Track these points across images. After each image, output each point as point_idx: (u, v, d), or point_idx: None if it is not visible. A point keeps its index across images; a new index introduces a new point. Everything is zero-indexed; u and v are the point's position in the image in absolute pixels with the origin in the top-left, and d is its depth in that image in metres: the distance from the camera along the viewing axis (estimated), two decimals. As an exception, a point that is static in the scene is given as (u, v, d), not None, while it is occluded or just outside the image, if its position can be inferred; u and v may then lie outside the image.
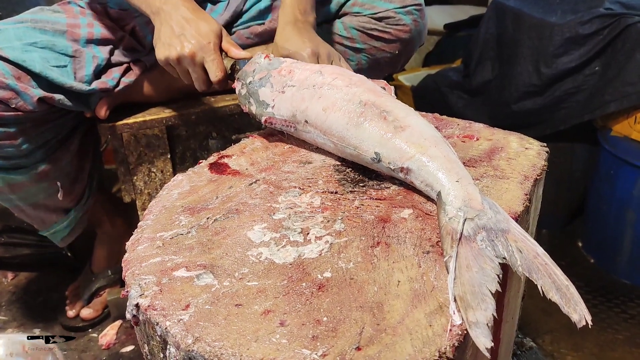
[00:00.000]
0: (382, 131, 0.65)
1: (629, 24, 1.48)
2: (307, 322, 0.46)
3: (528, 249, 0.53)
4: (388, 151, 0.64)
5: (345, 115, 0.68)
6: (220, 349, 0.44)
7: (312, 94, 0.72)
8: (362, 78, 0.74)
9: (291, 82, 0.76)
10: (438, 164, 0.60)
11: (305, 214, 0.61)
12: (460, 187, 0.58)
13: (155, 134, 1.12)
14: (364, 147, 0.66)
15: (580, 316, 0.48)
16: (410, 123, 0.65)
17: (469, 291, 0.48)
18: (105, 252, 1.36)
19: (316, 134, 0.73)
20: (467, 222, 0.55)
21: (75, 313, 1.33)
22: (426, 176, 0.61)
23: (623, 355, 1.31)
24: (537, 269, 0.51)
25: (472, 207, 0.56)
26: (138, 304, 0.50)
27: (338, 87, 0.71)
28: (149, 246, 0.57)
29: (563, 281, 0.51)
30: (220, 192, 0.67)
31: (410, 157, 0.62)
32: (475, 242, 0.53)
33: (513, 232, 0.54)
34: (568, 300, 0.49)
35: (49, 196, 1.12)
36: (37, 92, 0.96)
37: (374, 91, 0.71)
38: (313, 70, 0.76)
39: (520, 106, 1.68)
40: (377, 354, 0.42)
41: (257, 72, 0.80)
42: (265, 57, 0.81)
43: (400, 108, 0.68)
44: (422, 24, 1.18)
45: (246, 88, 0.81)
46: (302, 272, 0.52)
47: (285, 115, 0.76)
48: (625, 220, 1.54)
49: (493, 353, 0.62)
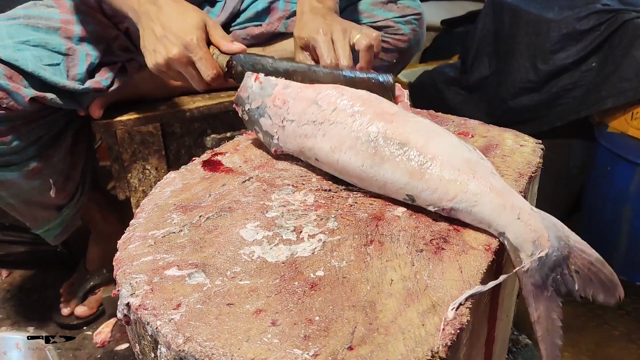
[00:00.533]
0: (407, 171, 0.58)
1: (626, 20, 1.47)
2: (299, 321, 0.46)
3: (584, 266, 0.54)
4: (422, 193, 0.58)
5: (358, 155, 0.61)
6: (211, 349, 0.43)
7: (314, 131, 0.65)
8: (365, 99, 0.65)
9: (289, 116, 0.68)
10: (488, 200, 0.55)
11: (299, 212, 0.61)
12: (525, 227, 0.54)
13: (149, 131, 1.11)
14: (390, 188, 0.60)
15: (616, 298, 0.54)
16: (433, 152, 0.58)
17: (552, 356, 0.52)
18: (100, 250, 1.36)
19: (330, 170, 0.67)
20: (539, 269, 0.54)
21: (70, 311, 1.33)
22: (479, 216, 0.56)
23: (619, 351, 1.31)
24: (590, 281, 0.54)
25: (542, 246, 0.54)
26: (129, 303, 0.49)
27: (341, 122, 0.63)
28: (141, 245, 0.57)
29: (608, 276, 0.54)
30: (213, 189, 0.67)
31: (452, 198, 0.56)
32: (547, 289, 0.54)
33: (573, 253, 0.54)
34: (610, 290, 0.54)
35: (41, 193, 1.11)
36: (28, 92, 0.95)
37: (382, 115, 0.62)
38: (309, 99, 0.67)
39: (517, 102, 1.68)
40: (370, 353, 0.42)
41: (252, 99, 0.73)
42: (256, 80, 0.73)
43: (416, 132, 0.60)
44: (421, 33, 1.18)
45: (247, 115, 0.74)
46: (295, 270, 0.52)
47: (292, 150, 0.70)
48: (622, 216, 1.54)
49: (487, 350, 0.62)
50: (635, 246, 1.53)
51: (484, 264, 0.52)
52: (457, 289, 0.48)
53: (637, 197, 1.50)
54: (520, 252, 0.54)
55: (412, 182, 0.58)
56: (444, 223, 0.58)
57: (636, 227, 1.52)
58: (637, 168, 1.47)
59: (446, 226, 0.57)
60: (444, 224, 0.58)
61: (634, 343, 1.34)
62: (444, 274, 0.50)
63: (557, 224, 0.55)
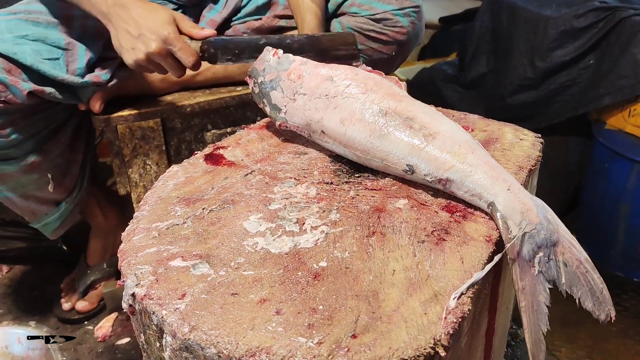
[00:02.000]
0: (411, 141, 0.61)
1: (624, 17, 1.48)
2: (303, 310, 0.46)
3: (572, 260, 0.55)
4: (422, 162, 0.61)
5: (367, 126, 0.64)
6: (216, 337, 0.44)
7: (326, 104, 0.68)
8: (377, 81, 0.69)
9: (301, 90, 0.71)
10: (481, 172, 0.58)
11: (301, 205, 0.61)
12: (514, 197, 0.56)
13: (150, 127, 1.11)
14: (392, 159, 0.63)
15: (606, 315, 0.53)
16: (439, 129, 0.62)
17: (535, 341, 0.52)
18: (100, 245, 1.36)
19: (335, 145, 0.69)
20: (527, 241, 0.54)
21: (71, 306, 1.33)
22: (471, 186, 0.58)
23: (616, 347, 1.32)
24: (578, 279, 0.54)
25: (530, 220, 0.55)
26: (134, 293, 0.50)
27: (354, 96, 0.67)
28: (145, 236, 0.57)
29: (599, 285, 0.54)
30: (215, 183, 0.67)
31: (449, 168, 0.59)
32: (534, 266, 0.54)
33: (562, 242, 0.55)
34: (600, 303, 0.53)
35: (39, 188, 1.11)
36: (27, 86, 0.95)
37: (393, 95, 0.66)
38: (324, 76, 0.71)
39: (515, 99, 1.69)
40: (373, 341, 0.43)
41: (267, 72, 0.76)
42: (274, 55, 0.76)
43: (424, 112, 0.64)
44: (419, 25, 1.18)
45: (258, 87, 0.77)
46: (298, 261, 0.52)
47: (298, 123, 0.73)
48: (619, 213, 1.55)
49: (487, 342, 0.63)
50: (632, 243, 1.54)
51: (485, 255, 0.52)
52: (458, 279, 0.49)
53: (634, 194, 1.51)
54: (509, 220, 0.55)
55: (414, 152, 0.61)
56: (445, 215, 0.59)
57: (633, 223, 1.53)
58: (635, 165, 1.48)
59: (447, 218, 0.58)
60: (445, 215, 0.59)
61: (631, 339, 1.35)
62: (446, 265, 0.51)
63: (548, 210, 0.57)
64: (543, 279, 0.54)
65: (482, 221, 0.58)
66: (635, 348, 1.32)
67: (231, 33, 1.18)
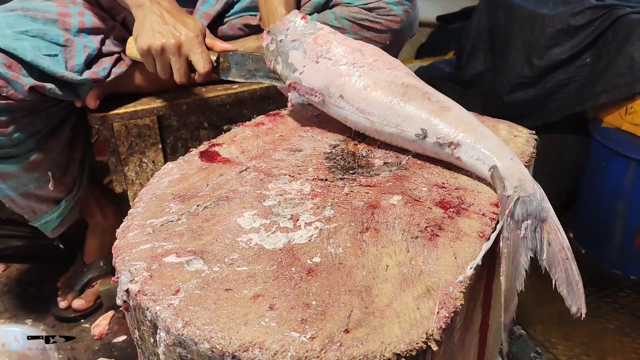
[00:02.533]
0: (428, 109, 0.67)
1: (620, 15, 1.48)
2: (296, 305, 0.46)
3: (556, 242, 0.57)
4: (436, 127, 0.66)
5: (388, 94, 0.69)
6: (209, 333, 0.44)
7: (351, 71, 0.72)
8: (400, 63, 0.75)
9: (327, 55, 0.75)
10: (490, 141, 0.63)
11: (295, 201, 0.61)
12: (516, 166, 0.61)
13: (146, 124, 1.11)
14: (407, 124, 0.68)
15: (577, 310, 0.54)
16: (454, 105, 0.68)
17: (510, 290, 0.52)
18: (97, 243, 1.36)
19: (350, 110, 0.72)
20: (520, 204, 0.57)
21: (68, 304, 1.33)
22: (480, 150, 0.63)
23: (613, 345, 1.33)
24: (558, 262, 0.56)
25: (525, 188, 0.58)
26: (128, 289, 0.50)
27: (379, 69, 0.72)
28: (139, 233, 0.57)
29: (575, 277, 0.55)
30: (210, 179, 0.67)
31: (462, 131, 0.64)
32: (520, 229, 0.56)
33: (549, 223, 0.57)
34: (574, 295, 0.55)
35: (39, 186, 1.11)
36: (28, 81, 0.95)
37: (413, 76, 0.72)
38: (354, 47, 0.75)
39: (512, 98, 1.69)
40: (365, 336, 0.43)
41: (291, 32, 0.78)
42: (302, 18, 0.79)
43: (437, 93, 0.70)
44: (413, 14, 1.18)
45: (276, 44, 0.79)
46: (292, 257, 0.52)
47: (315, 85, 0.75)
48: (616, 211, 1.55)
49: (482, 338, 0.63)
50: (629, 240, 1.54)
51: (478, 251, 0.53)
52: (451, 274, 0.49)
53: (631, 191, 1.51)
54: (506, 181, 0.59)
55: (431, 117, 0.67)
56: (439, 210, 0.59)
57: (630, 221, 1.53)
58: (632, 163, 1.48)
59: (441, 214, 0.58)
60: (438, 211, 0.59)
61: (628, 336, 1.35)
62: (439, 260, 0.51)
63: (544, 195, 0.60)
64: (526, 245, 0.56)
65: (475, 217, 0.58)
66: (631, 345, 1.33)
67: (226, 29, 1.18)
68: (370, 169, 0.68)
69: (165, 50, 0.89)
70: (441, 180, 0.65)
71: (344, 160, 0.71)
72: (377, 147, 0.74)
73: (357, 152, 0.73)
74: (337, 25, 1.16)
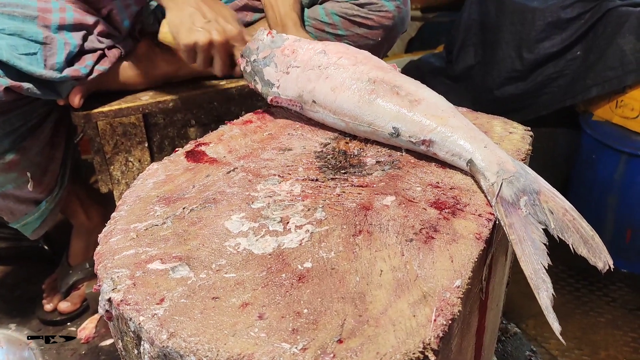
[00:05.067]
0: (397, 106, 0.66)
1: (610, 8, 1.48)
2: (286, 314, 0.44)
3: (558, 208, 0.56)
4: (407, 125, 0.65)
5: (356, 93, 0.69)
6: (196, 344, 0.42)
7: (318, 75, 0.73)
8: (367, 55, 0.74)
9: (295, 63, 0.76)
10: (461, 133, 0.62)
11: (285, 203, 0.59)
12: (490, 152, 0.60)
13: (132, 122, 1.09)
14: (379, 123, 0.67)
15: (604, 263, 0.53)
16: (423, 96, 0.66)
17: (534, 271, 0.51)
18: (82, 245, 1.33)
19: (325, 113, 0.73)
20: (507, 186, 0.57)
21: (53, 307, 1.30)
22: (452, 146, 0.62)
23: (605, 338, 1.33)
24: (567, 227, 0.55)
25: (506, 169, 0.58)
26: (110, 298, 0.48)
27: (344, 67, 0.72)
28: (123, 238, 0.55)
29: (589, 232, 0.55)
30: (197, 181, 0.65)
31: (432, 130, 0.63)
32: (520, 208, 0.56)
33: (544, 192, 0.57)
34: (594, 250, 0.53)
35: (18, 187, 1.08)
36: (3, 82, 0.92)
37: (381, 67, 0.71)
38: (316, 50, 0.75)
39: (503, 92, 1.68)
40: (360, 346, 0.41)
41: (261, 50, 0.80)
42: (268, 34, 0.80)
43: (409, 82, 0.69)
44: (405, 10, 1.17)
45: (251, 66, 0.81)
46: (282, 262, 0.50)
47: (291, 96, 0.76)
48: (607, 204, 1.55)
49: (478, 340, 0.61)
50: (620, 233, 1.55)
51: (475, 253, 0.51)
52: (448, 279, 0.47)
53: (621, 185, 1.51)
54: (486, 172, 0.59)
55: (400, 115, 0.66)
56: (434, 211, 0.57)
57: (621, 214, 1.53)
58: (622, 156, 1.48)
59: (436, 215, 0.56)
60: (433, 212, 0.57)
61: (619, 329, 1.35)
62: (435, 264, 0.49)
63: (526, 167, 0.60)
64: (533, 219, 0.55)
65: (471, 218, 0.56)
66: (623, 339, 1.33)
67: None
68: (362, 169, 0.66)
69: (212, 46, 0.89)
70: (435, 179, 0.63)
71: (335, 160, 0.68)
72: (369, 145, 0.72)
73: (349, 151, 0.71)
74: (328, 21, 1.14)
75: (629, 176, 1.49)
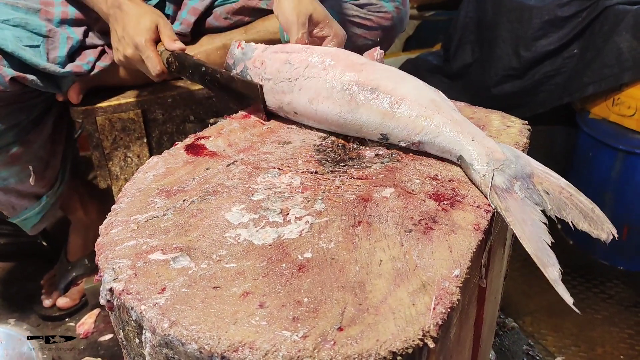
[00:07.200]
0: (379, 112, 0.65)
1: (607, 6, 1.48)
2: (287, 303, 0.45)
3: (553, 187, 0.56)
4: (393, 130, 0.65)
5: (335, 103, 0.68)
6: (197, 333, 0.42)
7: (290, 87, 0.72)
8: (333, 54, 0.72)
9: (266, 75, 0.75)
10: (448, 130, 0.62)
11: (285, 195, 0.60)
12: (478, 144, 0.61)
13: (130, 118, 1.09)
14: (366, 130, 0.67)
15: (607, 234, 0.54)
16: (402, 94, 0.65)
17: (538, 248, 0.51)
18: (81, 240, 1.33)
19: (311, 122, 0.73)
20: (498, 174, 0.57)
21: (52, 302, 1.30)
22: (441, 145, 0.63)
23: (602, 335, 1.33)
24: (565, 204, 0.55)
25: (496, 158, 0.59)
26: (112, 288, 0.48)
27: (314, 76, 0.70)
28: (123, 229, 0.55)
29: (588, 205, 0.55)
30: (196, 173, 0.65)
31: (418, 132, 0.64)
32: (515, 192, 0.56)
33: (537, 174, 0.57)
34: (595, 222, 0.54)
35: (20, 181, 1.09)
36: (9, 72, 0.93)
37: (352, 66, 0.69)
38: (282, 60, 0.74)
39: (500, 90, 1.69)
40: (360, 333, 0.41)
41: (237, 63, 0.81)
42: (238, 47, 0.81)
43: (387, 78, 0.67)
44: (404, 11, 1.17)
45: None
46: (282, 252, 0.51)
47: (272, 107, 0.76)
48: (604, 201, 1.56)
49: (476, 332, 0.62)
50: (617, 231, 1.55)
51: (474, 243, 0.51)
52: (447, 269, 0.48)
53: (618, 182, 1.52)
54: (476, 164, 0.59)
55: (385, 122, 0.65)
56: (433, 203, 0.57)
57: (618, 212, 1.54)
58: (619, 154, 1.49)
59: (435, 206, 0.57)
60: (432, 204, 0.57)
61: (616, 326, 1.36)
62: (434, 254, 0.50)
63: (516, 150, 0.61)
64: (530, 202, 0.56)
65: (470, 209, 0.57)
66: (620, 335, 1.33)
67: (212, 20, 1.15)
68: (361, 161, 0.66)
69: (128, 60, 0.91)
70: (434, 172, 0.64)
71: (334, 153, 0.69)
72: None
73: (348, 144, 0.71)
74: None
75: (626, 174, 1.50)
